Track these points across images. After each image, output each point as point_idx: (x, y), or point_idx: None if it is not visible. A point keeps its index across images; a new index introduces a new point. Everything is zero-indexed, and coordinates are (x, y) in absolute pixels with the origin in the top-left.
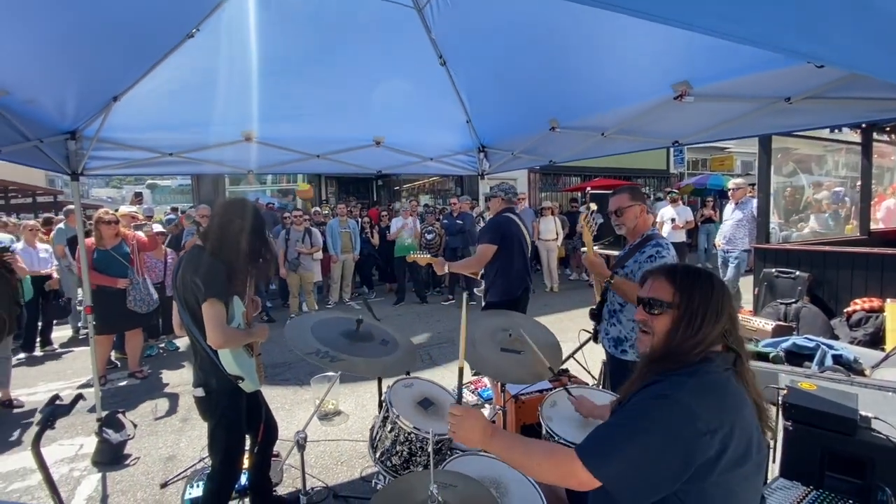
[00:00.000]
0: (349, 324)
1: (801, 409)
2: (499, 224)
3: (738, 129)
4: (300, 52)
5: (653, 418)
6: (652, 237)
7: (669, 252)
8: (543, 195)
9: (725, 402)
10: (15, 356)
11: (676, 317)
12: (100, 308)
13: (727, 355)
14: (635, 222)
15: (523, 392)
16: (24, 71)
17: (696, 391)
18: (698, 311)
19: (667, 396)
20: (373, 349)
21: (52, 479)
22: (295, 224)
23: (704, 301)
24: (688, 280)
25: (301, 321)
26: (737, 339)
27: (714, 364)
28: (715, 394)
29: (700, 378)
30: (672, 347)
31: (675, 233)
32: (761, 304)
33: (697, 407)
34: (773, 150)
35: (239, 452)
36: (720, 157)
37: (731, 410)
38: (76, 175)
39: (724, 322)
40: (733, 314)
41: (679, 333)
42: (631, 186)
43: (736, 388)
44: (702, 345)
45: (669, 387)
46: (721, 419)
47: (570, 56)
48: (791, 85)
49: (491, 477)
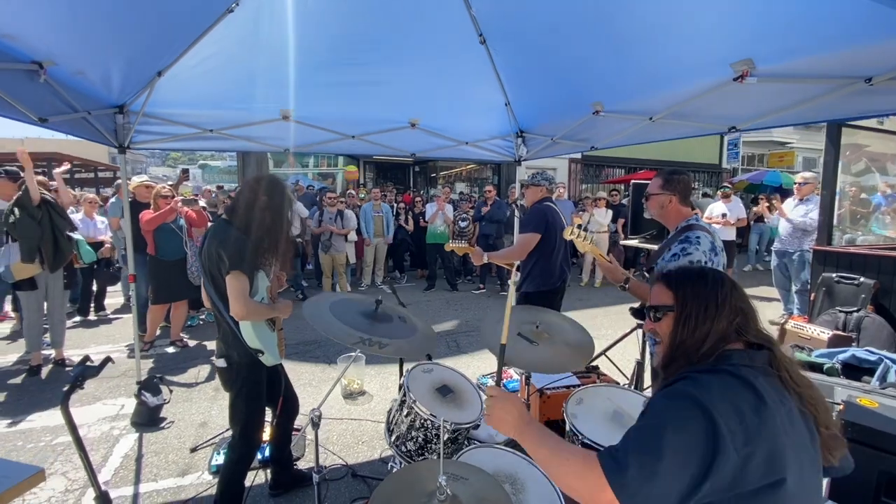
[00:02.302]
0: (366, 307)
1: (859, 428)
2: (543, 212)
3: (805, 114)
4: (338, 31)
5: (673, 419)
6: (689, 228)
7: (699, 248)
8: (584, 186)
9: (749, 402)
10: (71, 319)
11: (675, 317)
12: (157, 279)
13: (753, 353)
14: (661, 212)
15: (549, 386)
16: (70, 42)
17: (715, 387)
18: (692, 307)
19: (685, 395)
20: (397, 329)
21: (80, 436)
22: (328, 205)
23: (697, 295)
24: (680, 279)
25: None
26: (758, 334)
27: (733, 360)
28: (736, 391)
29: (718, 375)
30: (677, 349)
31: (724, 230)
32: (818, 310)
33: (717, 404)
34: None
35: (258, 424)
36: (779, 153)
37: (755, 411)
38: (123, 148)
39: (726, 315)
40: (743, 307)
41: (679, 333)
42: (670, 172)
43: (765, 387)
44: (707, 341)
45: (687, 384)
46: (742, 419)
47: (618, 33)
48: (874, 63)
49: (507, 472)
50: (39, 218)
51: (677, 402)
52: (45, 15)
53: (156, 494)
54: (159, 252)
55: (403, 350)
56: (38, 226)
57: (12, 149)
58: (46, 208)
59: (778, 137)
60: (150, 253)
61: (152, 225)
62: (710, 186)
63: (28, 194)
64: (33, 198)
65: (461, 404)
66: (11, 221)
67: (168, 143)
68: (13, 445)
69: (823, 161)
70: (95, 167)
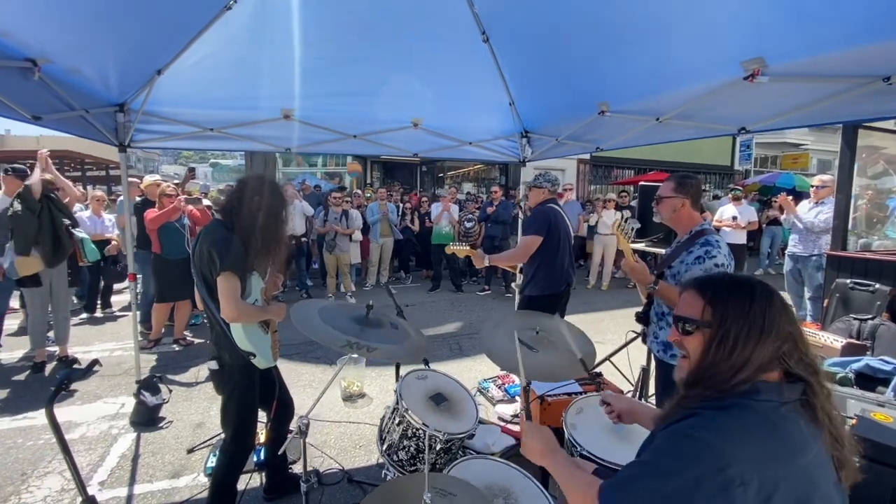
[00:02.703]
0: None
1: (872, 444)
2: (546, 214)
3: (819, 115)
4: (338, 30)
5: (677, 464)
6: (702, 233)
7: (721, 251)
8: (593, 188)
9: (769, 447)
10: (78, 316)
11: (709, 336)
12: (161, 277)
13: (787, 386)
14: (673, 215)
15: (550, 393)
16: (64, 39)
17: (730, 431)
18: (731, 328)
19: (693, 437)
20: (388, 335)
21: (65, 439)
22: (334, 205)
23: (740, 315)
24: (721, 291)
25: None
26: (805, 365)
27: (760, 397)
28: (754, 435)
29: (738, 414)
30: (705, 372)
31: (734, 233)
32: (831, 317)
33: (729, 450)
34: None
35: (250, 427)
36: (793, 155)
37: (778, 458)
38: (123, 146)
39: (773, 342)
40: (794, 333)
41: (711, 355)
42: (682, 176)
43: (793, 429)
44: (744, 370)
45: (699, 424)
46: (760, 467)
47: (625, 31)
48: (892, 61)
49: (501, 485)
50: (38, 212)
51: (692, 449)
52: (38, 12)
53: (150, 496)
54: (164, 251)
55: (394, 354)
56: (37, 219)
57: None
58: (47, 203)
59: (792, 139)
60: (154, 251)
61: (156, 223)
62: (721, 189)
63: (30, 189)
64: (34, 191)
65: (456, 413)
66: (10, 214)
67: (168, 141)
68: (13, 442)
69: (839, 164)
70: (107, 165)
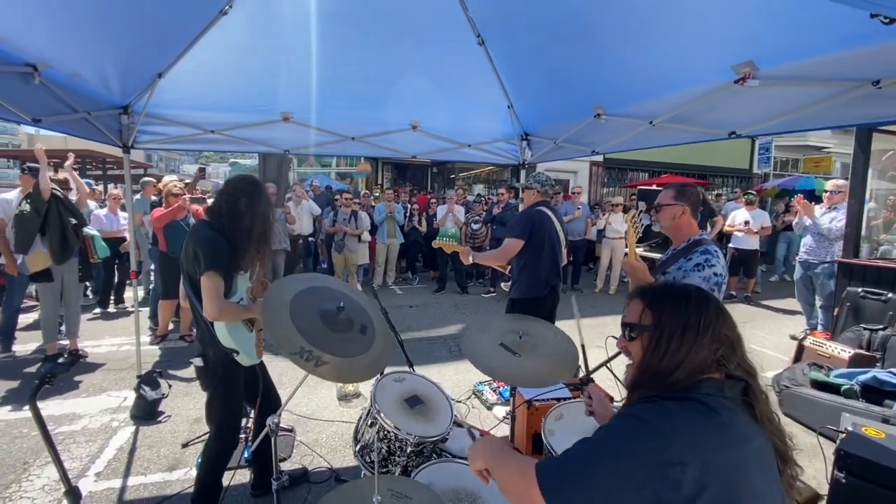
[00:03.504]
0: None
1: (859, 461)
2: (529, 217)
3: (811, 120)
4: (336, 34)
5: (618, 441)
6: (700, 242)
7: (720, 262)
8: (606, 190)
9: (710, 433)
10: (91, 311)
11: (647, 338)
12: (166, 274)
13: (729, 384)
14: (672, 223)
15: (538, 398)
16: (63, 45)
17: (673, 414)
18: (666, 329)
19: (637, 416)
20: (351, 342)
21: (49, 432)
22: (343, 206)
23: (676, 317)
24: (659, 297)
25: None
26: (742, 367)
27: (703, 390)
28: (697, 420)
29: (682, 401)
30: (644, 374)
31: (747, 238)
32: (841, 327)
33: (670, 431)
34: (873, 150)
35: (234, 423)
36: (815, 158)
37: (718, 445)
38: (127, 148)
39: (708, 344)
40: (732, 337)
41: (649, 356)
42: (681, 185)
43: (735, 421)
44: (679, 370)
45: (645, 407)
46: (700, 451)
47: (618, 34)
48: (882, 64)
49: (469, 489)
50: (45, 212)
51: (634, 427)
52: (35, 18)
53: (142, 488)
54: (169, 249)
55: (339, 374)
56: (42, 219)
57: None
58: (56, 203)
59: (814, 142)
60: (161, 249)
61: (162, 222)
62: (735, 192)
63: (38, 188)
64: (43, 190)
65: (431, 417)
66: (18, 213)
67: (171, 143)
68: (19, 432)
69: (852, 168)
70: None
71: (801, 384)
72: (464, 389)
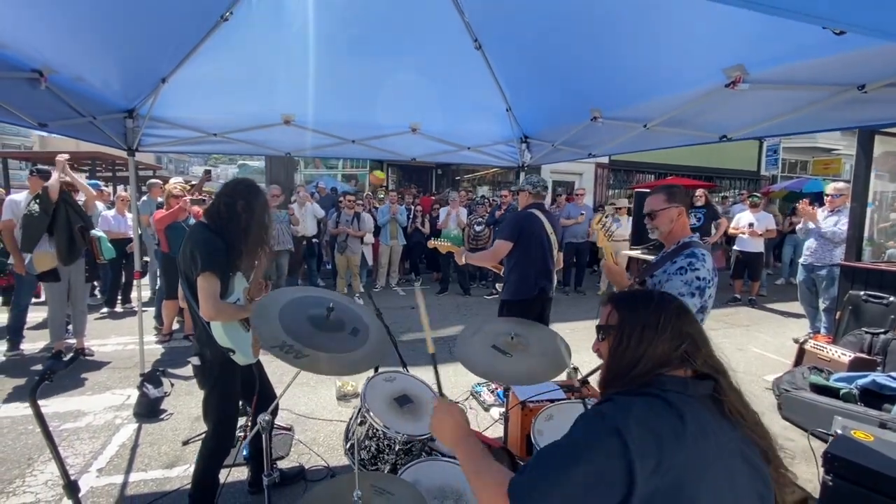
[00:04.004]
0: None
1: (846, 464)
2: (518, 220)
3: (800, 123)
4: (335, 39)
5: (583, 440)
6: (689, 245)
7: (705, 265)
8: (612, 192)
9: (665, 428)
10: (99, 311)
11: (612, 337)
12: (168, 275)
13: (694, 382)
14: (670, 227)
15: (532, 398)
16: (65, 50)
17: (634, 409)
18: (627, 326)
19: (601, 413)
20: (339, 341)
21: (48, 429)
22: (346, 207)
23: (638, 315)
24: (626, 299)
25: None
26: (710, 366)
27: (666, 387)
28: (657, 416)
29: (640, 397)
30: (612, 369)
31: (751, 241)
32: (843, 330)
33: (626, 427)
34: (876, 152)
35: (231, 421)
36: (824, 160)
37: (673, 440)
38: (132, 150)
39: (668, 340)
40: (694, 334)
41: (617, 353)
42: (669, 186)
43: (695, 416)
44: (640, 365)
45: (608, 406)
46: (654, 445)
47: (611, 39)
48: (867, 69)
49: (454, 487)
50: (53, 213)
51: (593, 424)
52: (35, 24)
53: (142, 484)
54: (171, 250)
55: (321, 367)
56: (48, 220)
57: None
58: (64, 205)
59: (823, 144)
60: (163, 250)
61: (163, 223)
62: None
63: (47, 191)
64: (52, 191)
65: (420, 415)
66: (27, 213)
67: (174, 145)
68: (24, 429)
69: (854, 171)
70: (136, 167)
71: (800, 388)
72: (462, 390)
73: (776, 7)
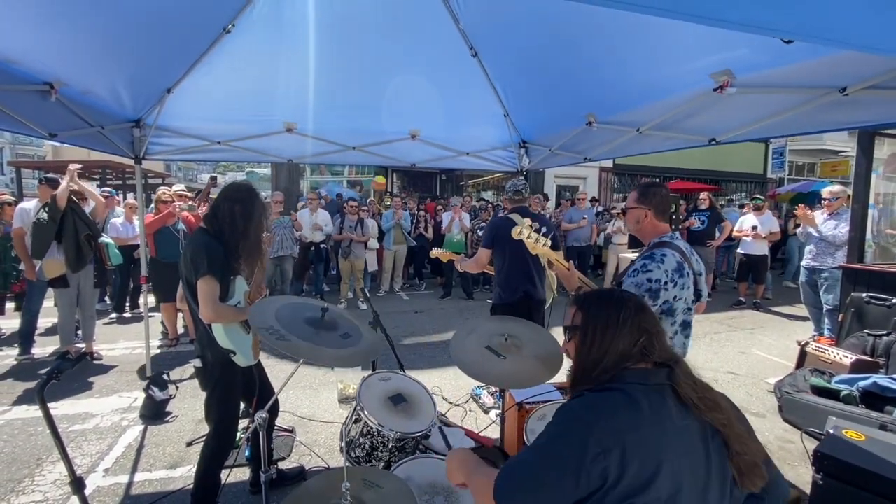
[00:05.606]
0: (316, 311)
1: (836, 463)
2: (494, 226)
3: (785, 126)
4: (335, 48)
5: (551, 438)
6: (659, 245)
7: (661, 267)
8: (617, 196)
9: (627, 418)
10: (108, 316)
11: (578, 336)
12: (157, 279)
13: (653, 371)
14: (637, 227)
15: (529, 399)
16: (73, 65)
17: (596, 405)
18: (590, 325)
19: (570, 410)
20: (328, 339)
21: (56, 427)
22: (349, 213)
23: (598, 313)
24: (587, 299)
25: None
26: (662, 353)
27: (628, 380)
28: (616, 408)
29: (605, 393)
30: (579, 369)
31: (755, 243)
32: (846, 333)
33: (592, 421)
34: (885, 154)
35: (232, 422)
36: (832, 162)
37: (633, 428)
38: (139, 159)
39: (629, 335)
40: (648, 328)
41: (582, 351)
42: (646, 185)
43: (654, 404)
44: (605, 360)
45: (577, 402)
46: (618, 435)
47: (603, 45)
48: (846, 72)
49: (443, 483)
50: (61, 221)
51: (562, 421)
52: (47, 41)
53: (147, 484)
54: (158, 253)
55: (299, 350)
56: (57, 226)
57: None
58: (71, 214)
59: (831, 146)
60: (151, 255)
61: (152, 228)
62: (749, 196)
63: (55, 200)
64: (60, 199)
65: (413, 414)
66: (36, 221)
67: (180, 154)
68: (34, 430)
69: (854, 172)
70: (145, 174)
71: (801, 390)
72: (463, 393)
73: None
